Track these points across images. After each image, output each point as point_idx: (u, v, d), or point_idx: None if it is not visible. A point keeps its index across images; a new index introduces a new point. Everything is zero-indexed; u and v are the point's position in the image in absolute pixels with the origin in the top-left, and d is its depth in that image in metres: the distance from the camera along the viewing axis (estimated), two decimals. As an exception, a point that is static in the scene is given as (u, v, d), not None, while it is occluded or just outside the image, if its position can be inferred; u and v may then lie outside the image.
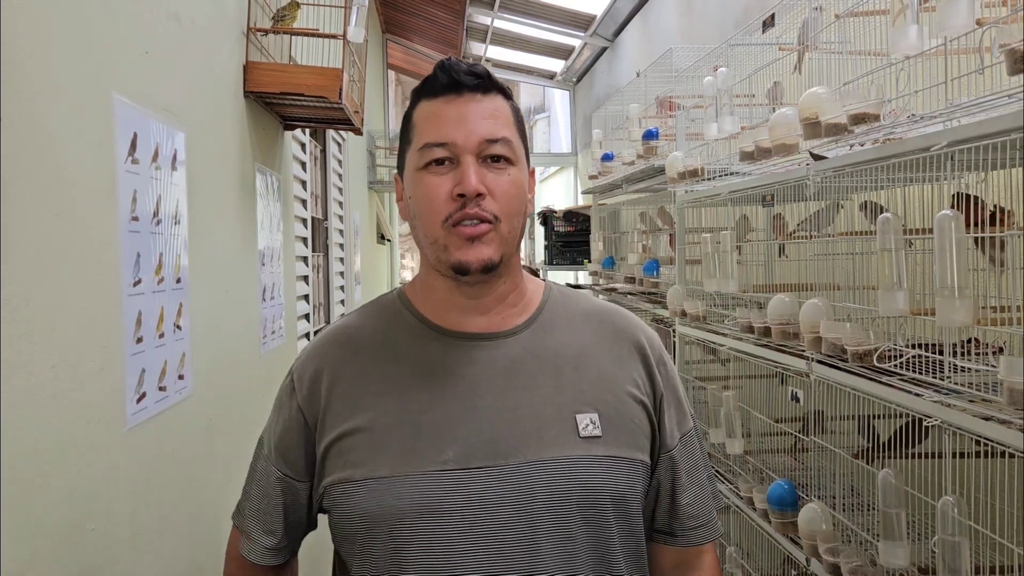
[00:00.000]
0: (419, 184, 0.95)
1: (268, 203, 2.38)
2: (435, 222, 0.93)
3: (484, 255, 0.92)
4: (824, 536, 1.68)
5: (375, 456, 0.93)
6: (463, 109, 0.94)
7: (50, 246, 1.10)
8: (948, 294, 1.21)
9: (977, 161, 1.22)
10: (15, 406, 1.00)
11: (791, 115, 1.77)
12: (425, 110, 0.96)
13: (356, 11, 2.19)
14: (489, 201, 0.92)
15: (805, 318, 1.70)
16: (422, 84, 0.98)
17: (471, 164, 0.92)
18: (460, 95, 0.95)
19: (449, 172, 0.93)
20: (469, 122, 0.93)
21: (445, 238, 0.93)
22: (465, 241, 0.92)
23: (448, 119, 0.94)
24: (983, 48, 1.18)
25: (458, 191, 0.92)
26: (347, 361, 0.99)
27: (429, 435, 0.92)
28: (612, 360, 1.00)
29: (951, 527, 1.24)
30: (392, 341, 1.00)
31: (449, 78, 0.95)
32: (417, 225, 0.96)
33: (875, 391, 1.45)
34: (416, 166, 0.95)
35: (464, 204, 0.92)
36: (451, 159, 0.93)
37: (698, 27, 4.17)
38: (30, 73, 1.05)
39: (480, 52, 7.47)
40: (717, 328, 2.37)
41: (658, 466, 1.01)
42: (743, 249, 2.30)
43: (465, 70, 0.95)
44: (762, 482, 2.11)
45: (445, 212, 0.92)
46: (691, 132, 2.86)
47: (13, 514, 0.99)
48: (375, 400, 0.96)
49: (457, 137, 0.93)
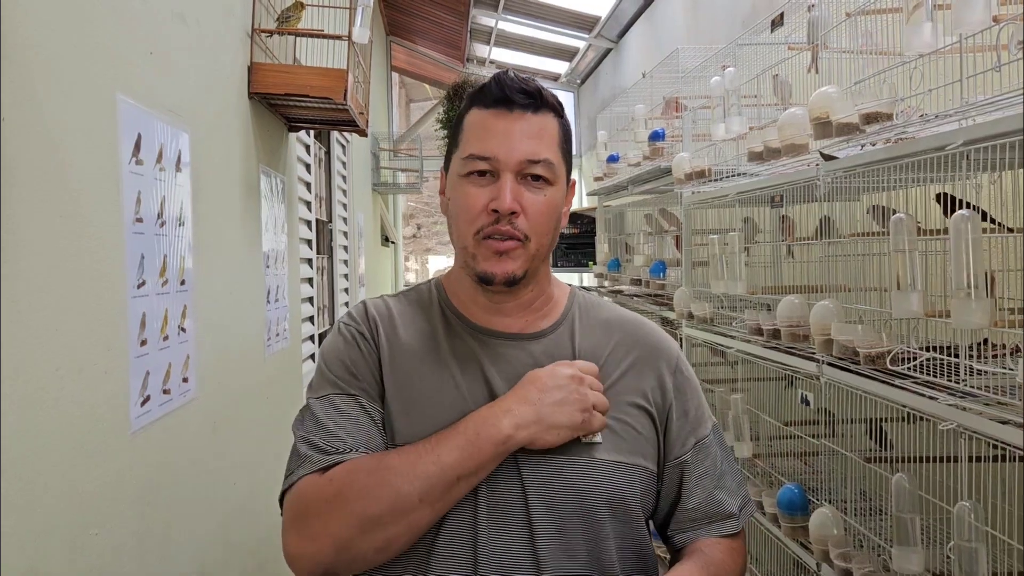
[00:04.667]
0: (459, 190, 0.98)
1: (272, 205, 2.37)
2: (468, 231, 0.97)
3: (509, 269, 0.96)
4: (835, 541, 1.66)
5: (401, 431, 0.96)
6: (511, 126, 0.96)
7: (54, 248, 1.09)
8: (964, 296, 1.19)
9: (993, 161, 1.20)
10: (18, 409, 0.99)
11: (801, 115, 1.75)
12: (475, 118, 0.99)
13: (361, 12, 2.18)
14: (522, 219, 0.96)
15: (816, 320, 1.68)
16: (477, 91, 1.00)
17: (509, 182, 0.96)
18: (510, 111, 0.97)
19: (488, 185, 0.96)
20: (514, 140, 0.96)
21: (475, 248, 0.97)
22: (493, 254, 0.96)
23: (495, 133, 0.96)
24: (1000, 45, 1.16)
25: (493, 207, 0.95)
26: (393, 330, 1.02)
27: (449, 423, 0.95)
28: (624, 370, 1.03)
29: (968, 533, 1.22)
30: (427, 330, 1.03)
31: (501, 92, 0.97)
32: (452, 226, 1.01)
33: (889, 394, 1.43)
34: (459, 172, 0.98)
35: (497, 219, 0.95)
36: (492, 172, 0.96)
37: (704, 27, 4.16)
38: (34, 73, 1.04)
39: (484, 54, 7.47)
40: (725, 330, 2.35)
41: (664, 472, 1.03)
42: (751, 250, 2.28)
43: (517, 87, 0.97)
44: (771, 486, 2.09)
45: (479, 223, 0.96)
46: (698, 133, 2.84)
47: (15, 518, 0.98)
48: (410, 379, 0.99)
49: (500, 153, 0.96)
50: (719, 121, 2.36)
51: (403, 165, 7.00)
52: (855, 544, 1.68)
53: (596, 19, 6.15)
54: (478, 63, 7.61)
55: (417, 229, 15.29)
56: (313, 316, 3.26)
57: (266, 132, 2.31)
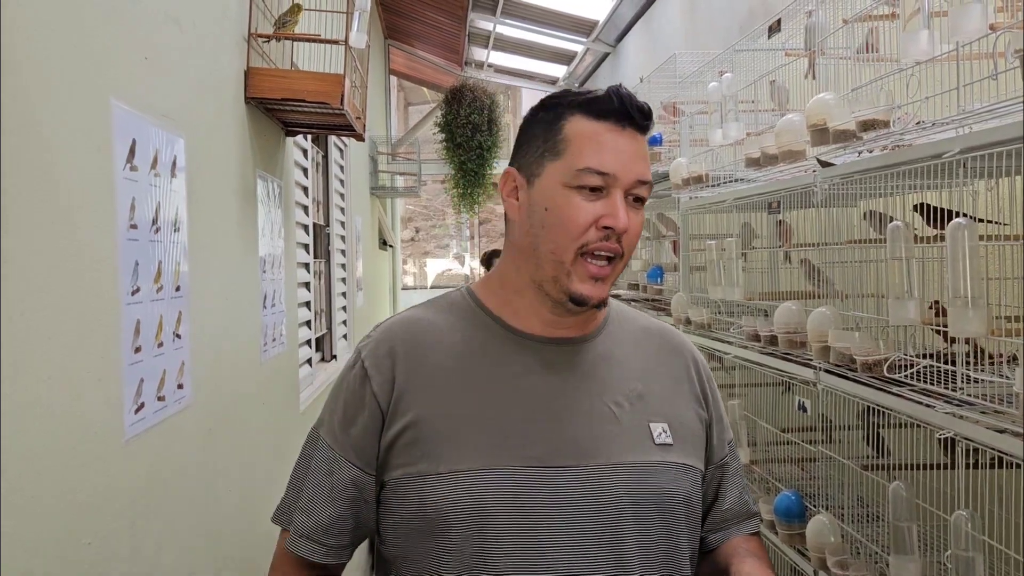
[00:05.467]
0: (564, 202, 0.94)
1: (269, 209, 2.36)
2: (570, 246, 0.94)
3: (602, 294, 0.96)
4: (832, 549, 1.66)
5: (458, 449, 0.92)
6: (627, 145, 0.95)
7: (47, 254, 1.08)
8: (961, 304, 1.19)
9: (990, 168, 1.19)
10: (10, 417, 0.98)
11: (798, 121, 1.75)
12: (586, 128, 0.95)
13: (358, 16, 2.17)
14: (625, 237, 0.94)
15: (813, 327, 1.68)
16: (585, 100, 0.97)
17: (621, 199, 0.94)
18: (624, 128, 0.95)
19: (597, 200, 0.94)
20: (629, 159, 0.94)
21: (572, 264, 0.94)
22: (589, 277, 0.94)
23: (613, 149, 0.94)
24: (996, 53, 1.15)
25: (608, 223, 0.93)
26: (422, 352, 0.98)
27: (513, 432, 0.93)
28: (673, 376, 1.04)
29: (965, 542, 1.21)
30: (468, 338, 0.99)
31: (622, 108, 0.94)
32: (543, 237, 0.96)
33: (885, 402, 1.43)
34: (566, 182, 0.94)
35: (607, 236, 0.93)
36: (603, 188, 0.94)
37: (702, 32, 4.16)
38: (27, 78, 1.03)
39: (482, 58, 7.47)
40: (722, 336, 2.35)
41: (707, 474, 1.05)
42: (748, 256, 2.28)
43: (638, 107, 0.95)
44: (768, 492, 2.08)
45: (585, 239, 0.93)
46: (695, 138, 2.84)
47: (7, 528, 0.97)
48: (453, 394, 0.95)
49: (618, 171, 0.93)
50: (716, 127, 2.36)
51: (401, 169, 7.00)
52: (852, 551, 1.67)
53: (594, 23, 6.16)
54: (476, 67, 7.62)
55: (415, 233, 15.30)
56: (310, 320, 3.25)
57: (263, 137, 2.30)
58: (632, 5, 5.51)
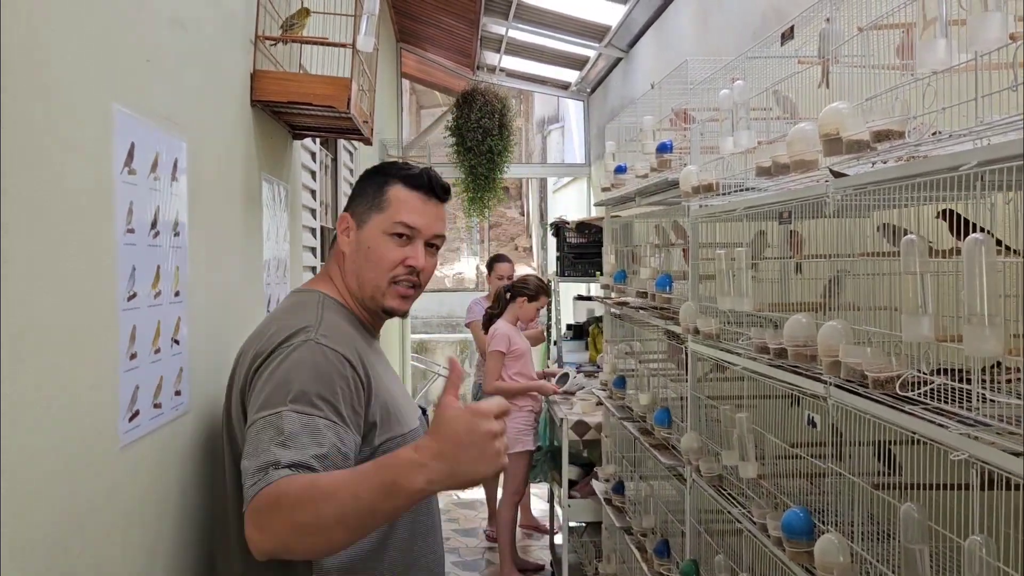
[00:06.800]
0: (382, 244, 1.43)
1: (275, 213, 2.35)
2: (384, 277, 1.43)
3: (407, 308, 1.48)
4: (841, 569, 1.61)
5: (400, 417, 1.40)
6: (431, 210, 1.46)
7: (41, 259, 1.06)
8: (977, 322, 1.15)
9: (1009, 182, 1.16)
10: (3, 424, 0.96)
11: (810, 130, 1.71)
12: (404, 195, 1.44)
13: (366, 20, 2.15)
14: (423, 274, 1.45)
15: (823, 341, 1.64)
16: (406, 175, 1.45)
17: (422, 247, 1.45)
18: (429, 198, 1.46)
19: (405, 246, 1.43)
20: (431, 220, 1.45)
21: (386, 289, 1.44)
22: (399, 296, 1.45)
23: (421, 212, 1.44)
24: (1018, 64, 1.12)
25: (411, 263, 1.43)
26: (354, 342, 1.37)
27: (401, 401, 1.45)
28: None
29: (979, 569, 1.17)
30: (360, 333, 1.45)
31: (429, 185, 1.45)
32: (365, 267, 1.44)
33: (897, 420, 1.39)
34: (384, 230, 1.43)
35: (410, 272, 1.44)
36: (410, 237, 1.43)
37: (714, 39, 4.12)
38: (26, 80, 1.01)
39: (494, 62, 7.45)
40: (731, 347, 2.30)
41: None
42: (758, 266, 2.24)
43: (442, 186, 1.47)
44: (776, 508, 2.04)
45: (394, 272, 1.43)
46: (706, 145, 2.80)
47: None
48: (376, 375, 1.38)
49: (422, 227, 1.44)
50: (727, 134, 2.32)
51: (411, 172, 6.97)
52: (862, 572, 1.63)
53: (607, 28, 6.12)
54: (488, 71, 7.59)
55: (425, 235, 15.23)
56: (315, 324, 3.22)
57: (269, 140, 2.28)
58: (645, 11, 5.47)
